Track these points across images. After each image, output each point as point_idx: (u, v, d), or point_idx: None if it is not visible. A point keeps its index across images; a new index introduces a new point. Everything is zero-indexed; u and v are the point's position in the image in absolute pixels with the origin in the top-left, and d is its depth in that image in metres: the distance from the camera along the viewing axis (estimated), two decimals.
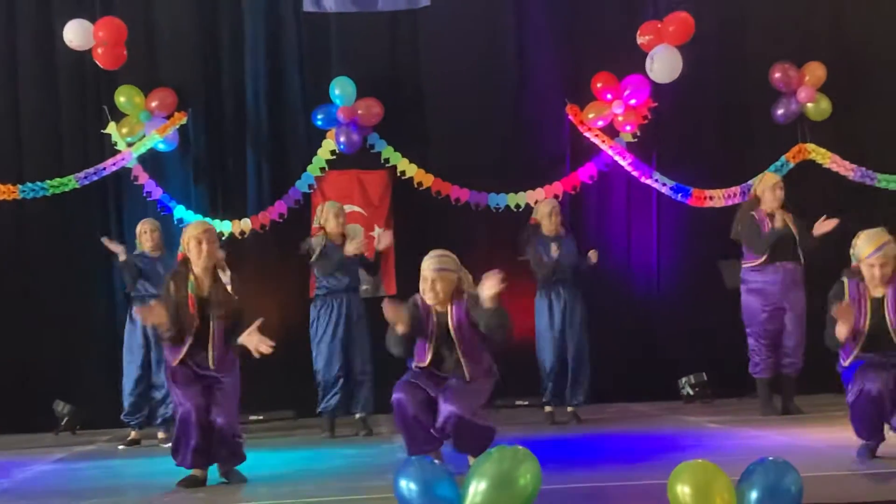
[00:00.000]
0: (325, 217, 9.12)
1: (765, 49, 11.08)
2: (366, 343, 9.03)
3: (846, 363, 6.50)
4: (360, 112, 10.65)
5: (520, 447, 4.52)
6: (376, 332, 8.71)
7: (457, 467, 5.80)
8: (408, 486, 4.51)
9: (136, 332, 9.13)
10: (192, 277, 6.49)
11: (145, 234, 9.25)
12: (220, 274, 6.58)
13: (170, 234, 9.79)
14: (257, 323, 6.48)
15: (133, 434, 9.19)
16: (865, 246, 6.49)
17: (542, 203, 9.69)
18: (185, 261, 6.54)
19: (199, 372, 6.56)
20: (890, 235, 6.54)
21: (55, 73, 10.75)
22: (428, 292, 6.43)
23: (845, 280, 6.54)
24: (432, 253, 6.53)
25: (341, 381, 8.99)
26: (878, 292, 6.48)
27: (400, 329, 6.40)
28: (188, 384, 6.53)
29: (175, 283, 6.50)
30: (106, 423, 10.01)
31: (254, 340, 6.43)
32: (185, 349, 6.48)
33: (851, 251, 6.61)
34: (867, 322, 6.41)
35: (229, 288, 6.53)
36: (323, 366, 9.01)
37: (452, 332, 6.43)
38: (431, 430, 6.39)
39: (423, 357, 6.49)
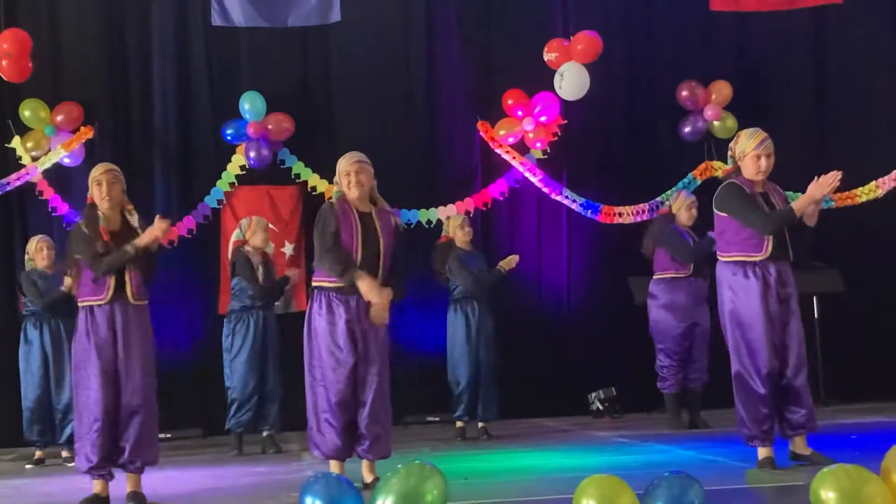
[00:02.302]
0: (253, 230, 9.00)
1: (672, 67, 11.24)
2: (277, 360, 8.98)
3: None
4: (269, 127, 10.60)
5: (427, 463, 4.51)
6: (287, 349, 8.72)
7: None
8: (313, 502, 4.48)
9: (32, 352, 8.99)
10: (101, 215, 6.38)
11: (41, 252, 9.07)
12: (128, 216, 6.48)
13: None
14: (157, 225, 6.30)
15: (38, 453, 9.02)
16: (750, 139, 6.49)
17: (452, 218, 9.70)
18: (92, 205, 6.43)
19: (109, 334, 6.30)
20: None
21: None
22: (353, 186, 6.37)
23: (735, 181, 6.45)
24: (346, 154, 6.54)
25: (255, 397, 8.90)
26: (759, 187, 6.48)
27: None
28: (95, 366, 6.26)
29: (87, 221, 6.39)
30: (8, 442, 9.80)
31: (152, 230, 6.29)
32: (110, 284, 6.28)
33: (730, 153, 6.57)
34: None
35: (138, 230, 6.40)
36: (238, 382, 8.88)
37: (379, 232, 6.36)
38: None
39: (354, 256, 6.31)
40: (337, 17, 10.44)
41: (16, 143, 10.34)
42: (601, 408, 10.59)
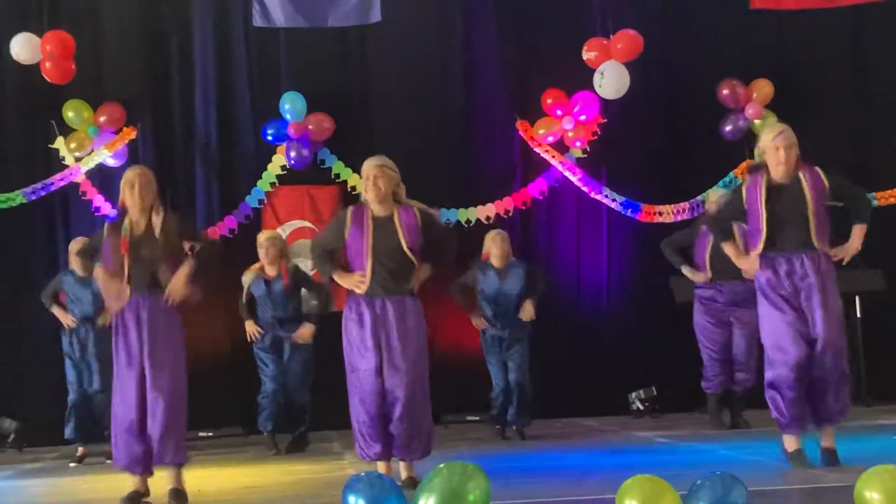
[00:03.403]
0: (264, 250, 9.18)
1: (712, 66, 11.18)
2: (304, 362, 9.18)
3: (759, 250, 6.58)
4: (310, 127, 10.64)
5: (469, 463, 4.51)
6: (328, 348, 8.73)
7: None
8: (356, 501, 4.49)
9: (73, 351, 9.09)
10: (127, 222, 6.41)
11: (74, 255, 9.09)
12: (153, 217, 6.44)
13: None
14: (183, 269, 6.38)
15: (80, 450, 9.10)
16: (768, 133, 6.69)
17: (489, 233, 9.39)
18: (123, 207, 6.48)
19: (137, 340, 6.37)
20: (787, 126, 6.70)
21: (2, 87, 10.69)
22: (371, 189, 6.44)
23: (746, 177, 6.75)
24: (370, 158, 6.61)
25: (281, 399, 9.14)
26: (783, 178, 6.57)
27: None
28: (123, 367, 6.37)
29: (111, 227, 6.49)
30: (52, 441, 9.89)
31: (175, 286, 6.35)
32: (126, 292, 6.34)
33: (756, 150, 6.78)
34: (764, 208, 6.53)
35: (156, 232, 6.39)
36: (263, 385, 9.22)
37: (400, 231, 6.41)
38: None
39: (360, 265, 6.42)
40: (377, 17, 10.47)
41: (59, 143, 10.44)
42: (641, 408, 10.55)
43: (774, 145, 6.58)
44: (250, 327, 9.15)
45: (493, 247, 9.16)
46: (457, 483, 4.40)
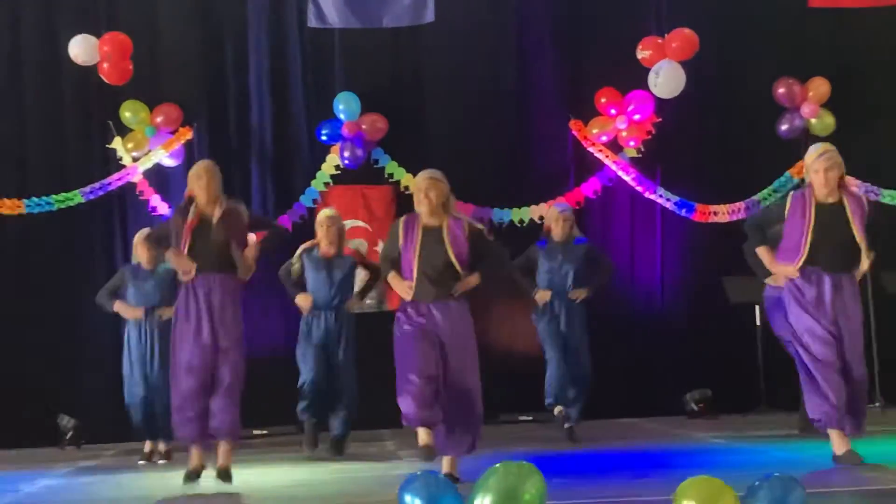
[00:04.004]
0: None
1: (768, 64, 11.09)
2: (348, 358, 8.82)
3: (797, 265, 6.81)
4: (364, 127, 10.69)
5: (525, 462, 4.52)
6: (379, 348, 8.75)
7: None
8: (412, 500, 4.51)
9: (132, 346, 9.01)
10: (194, 207, 6.94)
11: (141, 247, 9.00)
12: (217, 209, 6.95)
13: None
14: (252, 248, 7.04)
15: (149, 444, 9.05)
16: (812, 155, 6.92)
17: (549, 210, 9.40)
18: (190, 198, 7.00)
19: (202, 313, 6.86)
20: (834, 147, 6.95)
21: (61, 88, 10.80)
22: (422, 202, 6.76)
23: (791, 193, 6.98)
24: (421, 172, 6.95)
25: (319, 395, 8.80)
26: (827, 198, 6.81)
27: None
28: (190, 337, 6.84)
29: (178, 212, 7.05)
30: (110, 438, 10.00)
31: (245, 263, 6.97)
32: (192, 267, 6.86)
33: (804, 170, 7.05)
34: (811, 227, 6.77)
35: (223, 217, 6.92)
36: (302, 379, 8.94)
37: (448, 242, 6.70)
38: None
39: (409, 274, 6.72)
40: (431, 17, 10.48)
41: (117, 143, 10.56)
42: (696, 408, 10.50)
43: (815, 167, 6.84)
44: (304, 301, 8.68)
45: (555, 224, 9.01)
46: (512, 482, 4.41)
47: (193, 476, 6.92)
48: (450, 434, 6.66)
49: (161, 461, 8.80)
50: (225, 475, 6.88)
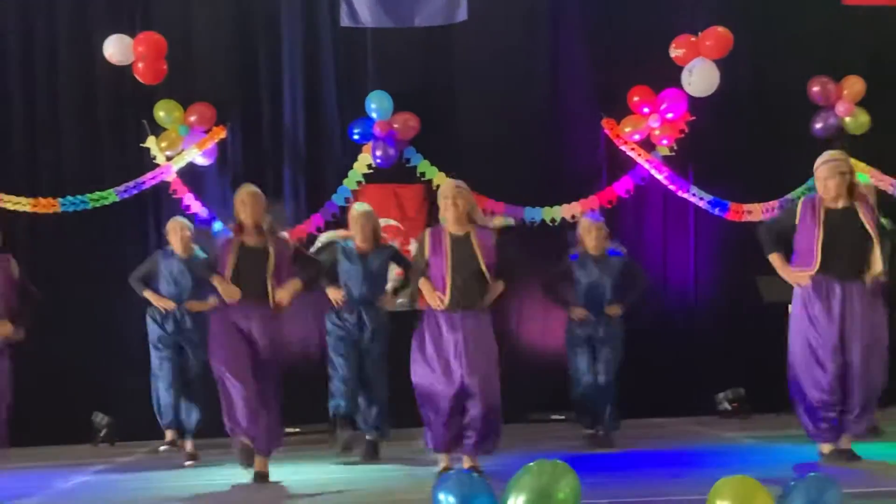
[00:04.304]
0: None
1: (802, 63, 11.03)
2: (376, 357, 8.74)
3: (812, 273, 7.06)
4: (396, 126, 10.70)
5: (559, 461, 4.52)
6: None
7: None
8: (446, 499, 4.52)
9: (159, 342, 9.15)
10: (239, 236, 7.42)
11: (174, 234, 9.18)
12: (264, 233, 7.44)
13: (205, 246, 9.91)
14: (293, 284, 7.44)
15: (169, 434, 9.23)
16: (818, 162, 7.16)
17: (580, 222, 9.19)
18: (238, 229, 7.48)
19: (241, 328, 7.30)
20: (843, 154, 7.23)
21: (95, 88, 10.86)
22: (449, 209, 7.09)
23: (802, 199, 7.25)
24: (448, 181, 7.45)
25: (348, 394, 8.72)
26: (836, 203, 7.05)
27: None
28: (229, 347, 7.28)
29: (227, 241, 7.49)
30: (144, 435, 10.04)
31: (282, 298, 7.41)
32: (237, 294, 7.29)
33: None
34: (821, 232, 7.00)
35: (267, 248, 7.38)
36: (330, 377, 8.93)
37: (478, 250, 7.01)
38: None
39: (440, 283, 7.04)
40: (464, 17, 10.47)
41: (150, 142, 10.61)
42: (729, 408, 10.46)
43: (817, 176, 7.11)
44: (336, 293, 8.54)
45: (587, 235, 8.86)
46: (546, 481, 4.42)
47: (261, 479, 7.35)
48: (472, 438, 7.06)
49: (188, 462, 8.74)
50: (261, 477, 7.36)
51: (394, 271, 8.86)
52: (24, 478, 8.12)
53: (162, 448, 9.19)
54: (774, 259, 7.29)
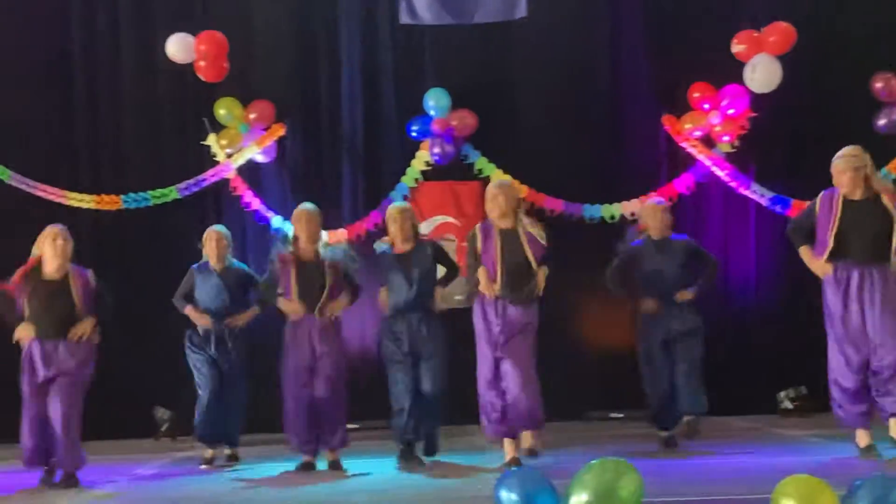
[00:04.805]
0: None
1: (865, 58, 10.88)
2: (430, 357, 8.35)
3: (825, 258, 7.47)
4: (454, 123, 10.70)
5: (622, 459, 4.50)
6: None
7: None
8: (508, 496, 4.52)
9: (199, 351, 8.73)
10: (295, 251, 8.01)
11: (209, 243, 8.73)
12: (319, 247, 8.05)
13: (266, 243, 10.10)
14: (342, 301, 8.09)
15: (209, 452, 8.69)
16: (835, 157, 7.53)
17: (644, 206, 8.94)
18: (295, 236, 8.07)
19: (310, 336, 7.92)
20: (859, 150, 7.56)
21: (157, 86, 10.97)
22: (491, 206, 7.62)
23: (821, 193, 7.56)
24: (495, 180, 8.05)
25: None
26: (854, 195, 7.39)
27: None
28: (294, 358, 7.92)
29: (282, 258, 8.04)
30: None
31: (335, 309, 8.05)
32: (301, 309, 7.93)
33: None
34: (836, 220, 7.37)
35: (321, 262, 7.98)
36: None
37: (524, 242, 7.54)
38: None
39: (494, 271, 7.55)
40: (523, 13, 10.46)
41: (211, 140, 10.69)
42: (791, 407, 10.37)
43: (839, 169, 7.46)
44: (385, 298, 8.13)
45: (651, 219, 8.49)
46: (609, 479, 4.41)
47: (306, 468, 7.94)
48: (518, 410, 7.47)
49: (227, 465, 8.57)
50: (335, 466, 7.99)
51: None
52: (89, 471, 8.23)
53: (203, 467, 8.55)
54: (803, 252, 7.67)
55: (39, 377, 7.51)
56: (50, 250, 7.59)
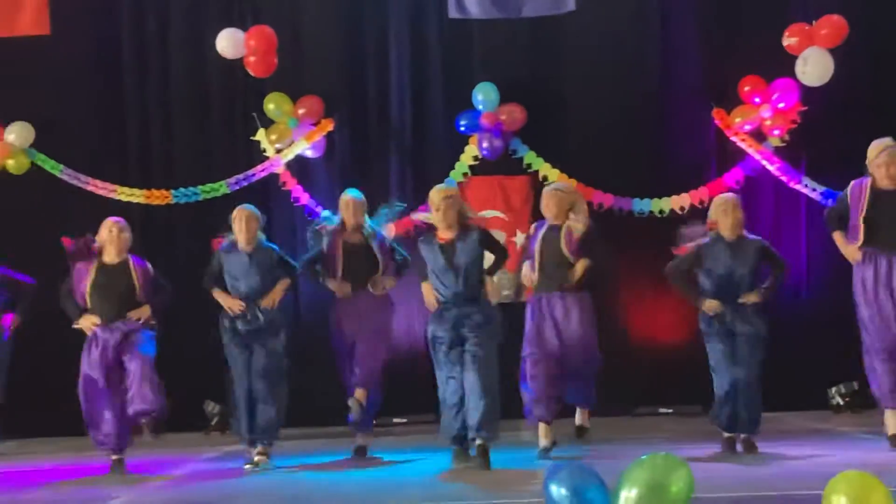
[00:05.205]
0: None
1: None
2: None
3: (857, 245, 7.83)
4: (502, 117, 10.69)
5: (672, 454, 4.48)
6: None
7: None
8: (558, 490, 4.50)
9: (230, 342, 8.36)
10: (342, 235, 8.49)
11: (238, 223, 8.30)
12: (364, 231, 8.53)
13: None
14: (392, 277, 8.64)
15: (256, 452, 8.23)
16: (873, 151, 7.77)
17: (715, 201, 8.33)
18: (342, 222, 8.56)
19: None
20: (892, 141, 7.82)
21: (207, 81, 11.04)
22: (543, 209, 8.30)
23: (851, 183, 7.91)
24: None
25: None
26: (886, 185, 7.69)
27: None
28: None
29: (331, 235, 8.53)
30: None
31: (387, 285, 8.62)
32: (348, 288, 8.44)
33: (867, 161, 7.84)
34: (865, 208, 7.73)
35: (369, 244, 8.51)
36: None
37: (563, 239, 8.13)
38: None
39: (532, 266, 8.25)
40: (572, 7, 10.42)
41: (260, 135, 10.75)
42: (842, 403, 10.28)
43: (877, 162, 7.71)
44: (430, 294, 7.77)
45: (722, 215, 8.00)
46: (660, 474, 4.38)
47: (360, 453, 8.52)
48: (575, 388, 8.43)
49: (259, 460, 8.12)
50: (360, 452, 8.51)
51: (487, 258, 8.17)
52: (141, 464, 8.32)
53: (247, 467, 8.10)
54: (836, 237, 8.02)
55: (99, 358, 7.95)
56: (109, 239, 8.13)
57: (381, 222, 8.77)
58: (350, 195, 8.62)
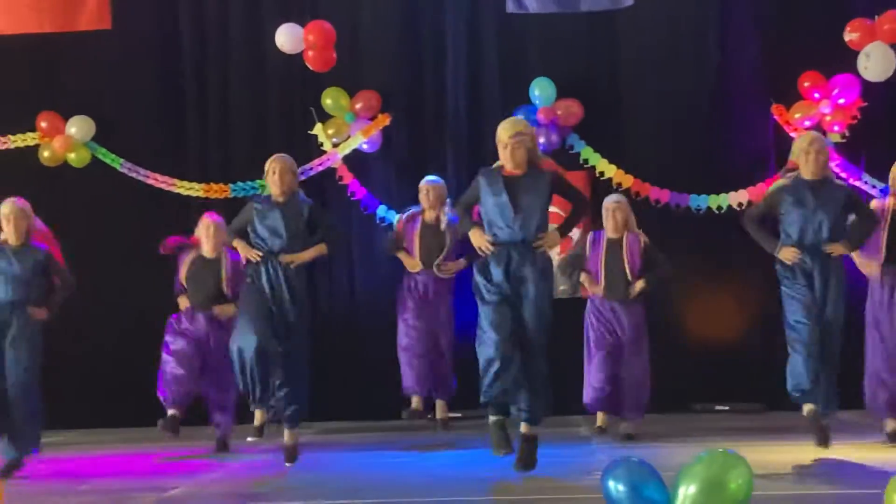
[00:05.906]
0: None
1: None
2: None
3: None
4: (559, 113, 10.66)
5: (731, 451, 4.46)
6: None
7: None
8: (616, 486, 4.50)
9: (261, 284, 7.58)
10: (421, 217, 9.57)
11: (271, 175, 7.74)
12: (441, 215, 9.55)
13: (371, 232, 10.47)
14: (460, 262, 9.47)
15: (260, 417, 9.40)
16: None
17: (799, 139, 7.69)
18: (423, 208, 9.68)
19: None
20: None
21: (265, 76, 11.11)
22: (608, 219, 8.90)
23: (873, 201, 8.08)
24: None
25: None
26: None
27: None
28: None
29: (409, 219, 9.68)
30: (311, 416, 10.13)
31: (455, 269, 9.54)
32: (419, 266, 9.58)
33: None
34: (886, 229, 7.83)
35: (442, 227, 9.54)
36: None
37: (625, 254, 8.80)
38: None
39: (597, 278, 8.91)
40: (629, 2, 10.36)
41: (318, 129, 10.80)
42: None
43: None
44: (481, 239, 6.72)
45: (805, 156, 7.29)
46: (718, 471, 4.37)
47: (413, 415, 9.71)
48: (625, 400, 8.77)
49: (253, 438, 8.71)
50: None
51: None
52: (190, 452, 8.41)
53: (250, 440, 8.62)
54: (854, 255, 7.93)
55: (179, 339, 8.58)
56: (204, 233, 8.83)
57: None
58: (429, 181, 9.68)
